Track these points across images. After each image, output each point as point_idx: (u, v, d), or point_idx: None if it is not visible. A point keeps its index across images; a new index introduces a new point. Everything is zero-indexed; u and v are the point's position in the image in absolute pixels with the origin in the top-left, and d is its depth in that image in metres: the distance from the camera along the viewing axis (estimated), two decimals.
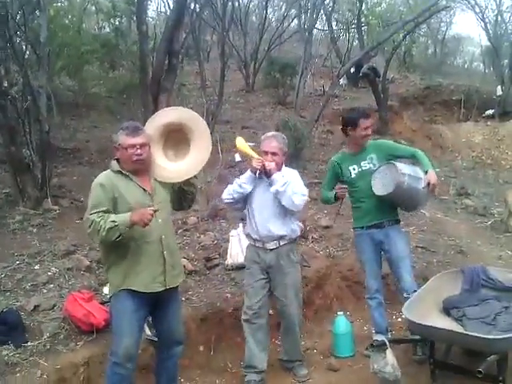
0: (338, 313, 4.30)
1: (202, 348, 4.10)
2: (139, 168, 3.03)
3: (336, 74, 10.84)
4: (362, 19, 15.25)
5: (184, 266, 4.83)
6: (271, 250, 3.67)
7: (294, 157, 8.02)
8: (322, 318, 4.75)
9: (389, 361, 3.16)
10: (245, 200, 3.73)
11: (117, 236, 2.80)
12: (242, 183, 3.64)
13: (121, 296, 2.97)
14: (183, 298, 4.35)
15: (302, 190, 3.64)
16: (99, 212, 2.83)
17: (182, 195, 3.26)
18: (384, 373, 3.16)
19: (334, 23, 17.87)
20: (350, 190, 3.99)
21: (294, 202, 3.53)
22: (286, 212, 3.63)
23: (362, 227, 4.03)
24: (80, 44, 9.87)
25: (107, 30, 12.90)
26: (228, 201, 3.74)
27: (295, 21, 20.55)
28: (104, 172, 3.05)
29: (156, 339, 3.45)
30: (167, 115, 3.21)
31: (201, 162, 3.13)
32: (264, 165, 3.55)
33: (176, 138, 3.18)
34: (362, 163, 3.98)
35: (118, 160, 3.05)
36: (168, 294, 3.10)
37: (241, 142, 3.73)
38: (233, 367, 3.94)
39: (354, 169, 3.99)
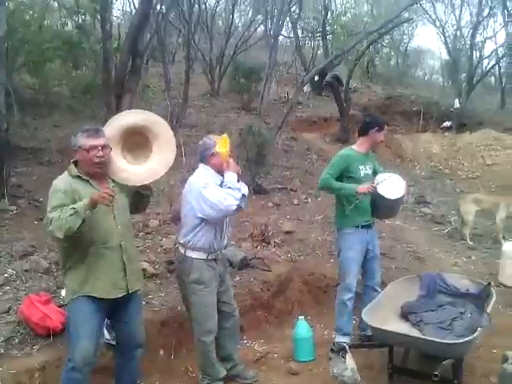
0: (299, 317, 4.32)
1: (162, 352, 4.05)
2: (99, 171, 2.96)
3: (300, 81, 10.94)
4: (327, 28, 15.50)
5: (145, 270, 4.79)
6: (219, 258, 3.59)
7: (257, 163, 8.07)
8: (283, 323, 4.77)
9: (348, 365, 3.21)
10: None
11: (79, 223, 2.71)
12: (240, 188, 3.38)
13: (79, 301, 2.91)
14: (144, 302, 4.29)
15: None
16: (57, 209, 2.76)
17: (138, 199, 3.20)
18: (343, 376, 3.20)
19: (299, 31, 18.08)
20: None
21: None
22: None
23: (357, 226, 4.08)
24: (41, 40, 9.60)
25: (70, 27, 12.62)
26: (236, 207, 3.34)
27: (261, 27, 20.74)
28: (61, 176, 2.96)
29: (115, 343, 3.39)
30: (128, 117, 3.14)
31: (166, 165, 3.09)
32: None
33: (135, 141, 3.11)
34: (367, 166, 4.15)
35: (75, 164, 2.97)
36: (128, 297, 3.06)
37: (227, 142, 3.44)
38: (193, 371, 3.90)
39: (362, 169, 4.11)
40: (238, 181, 3.42)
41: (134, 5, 15.53)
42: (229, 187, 3.32)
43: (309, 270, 5.35)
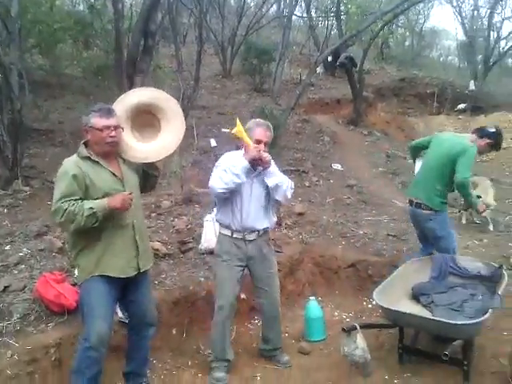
0: (310, 297, 4.35)
1: (174, 331, 4.09)
2: (110, 151, 2.96)
3: (313, 62, 10.83)
4: (342, 7, 15.24)
5: (158, 250, 4.84)
6: (251, 240, 3.57)
7: (269, 144, 8.03)
8: (294, 303, 4.80)
9: (359, 344, 3.24)
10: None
11: (94, 222, 2.78)
12: (238, 174, 3.35)
13: (94, 281, 2.92)
14: (156, 282, 4.34)
15: (291, 183, 3.58)
16: (70, 201, 2.76)
17: (145, 178, 3.21)
18: (354, 355, 3.24)
19: (313, 10, 17.85)
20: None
21: (287, 197, 3.52)
22: (269, 204, 3.57)
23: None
24: (53, 21, 9.57)
25: (81, 7, 12.60)
26: (223, 191, 3.41)
27: (274, 6, 20.51)
28: (70, 158, 2.93)
29: (128, 321, 3.45)
30: (135, 96, 3.13)
31: (175, 143, 3.09)
32: (262, 155, 3.36)
33: (144, 119, 3.11)
34: None
35: (85, 144, 2.97)
36: (139, 277, 3.09)
37: (240, 126, 3.45)
38: (205, 349, 3.95)
39: None
40: (255, 168, 3.43)
41: None
42: (223, 170, 3.39)
43: (320, 251, 5.35)
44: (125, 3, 9.86)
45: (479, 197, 5.28)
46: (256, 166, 3.45)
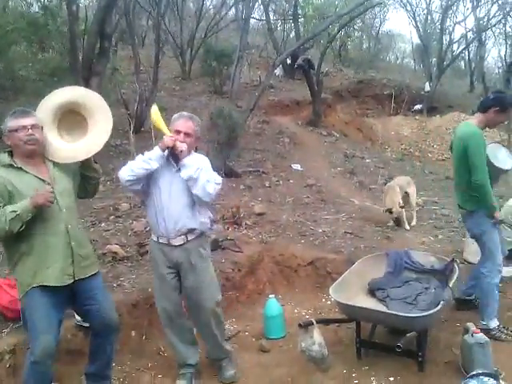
0: (270, 296, 4.39)
1: (133, 333, 4.05)
2: (33, 152, 2.85)
3: (271, 64, 10.93)
4: (299, 11, 15.44)
5: (116, 253, 4.80)
6: (178, 246, 3.27)
7: (228, 145, 8.07)
8: (254, 302, 4.83)
9: (316, 339, 3.29)
10: (147, 185, 3.28)
11: (20, 226, 2.69)
12: (147, 158, 3.17)
13: (33, 293, 2.82)
14: (114, 285, 4.30)
15: (215, 177, 3.25)
16: None
17: (85, 182, 3.13)
18: (311, 351, 3.29)
19: (271, 13, 17.98)
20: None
21: (206, 191, 3.14)
22: (195, 202, 3.25)
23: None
24: (5, 22, 9.33)
25: (36, 8, 12.30)
26: (129, 178, 3.17)
27: (232, 9, 20.55)
28: None
29: (86, 325, 3.39)
30: (57, 96, 3.03)
31: (103, 138, 3.01)
32: (175, 144, 3.16)
33: (71, 119, 3.03)
34: None
35: (10, 153, 2.87)
36: (87, 283, 2.99)
37: (156, 113, 3.32)
38: (165, 351, 3.93)
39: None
40: (173, 158, 3.23)
41: None
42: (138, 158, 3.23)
43: (280, 250, 5.40)
44: (80, 5, 9.70)
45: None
46: (174, 158, 3.24)
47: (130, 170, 3.17)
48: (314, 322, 3.35)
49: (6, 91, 10.00)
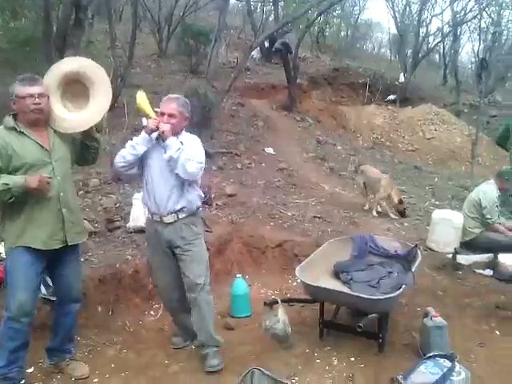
0: (237, 275, 4.45)
1: (99, 308, 4.07)
2: (37, 120, 2.94)
3: (249, 45, 10.88)
4: None
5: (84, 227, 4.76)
6: (169, 223, 3.36)
7: (201, 126, 8.04)
8: (222, 281, 4.87)
9: (280, 318, 3.37)
10: (140, 167, 3.40)
11: (9, 197, 2.80)
12: (134, 144, 3.30)
13: (16, 252, 2.92)
14: (82, 259, 4.26)
15: (197, 156, 3.29)
16: None
17: (84, 150, 3.20)
18: (275, 329, 3.37)
19: None
20: None
21: (186, 170, 3.19)
22: (183, 182, 3.32)
23: None
24: None
25: None
26: (121, 164, 3.32)
27: None
28: None
29: (53, 298, 3.41)
30: (66, 64, 3.13)
31: (100, 110, 3.08)
32: (158, 126, 3.25)
33: (75, 89, 3.09)
34: None
35: (14, 116, 2.95)
36: (67, 251, 3.08)
37: (142, 97, 3.40)
38: (131, 326, 3.97)
39: None
40: (158, 139, 3.32)
41: None
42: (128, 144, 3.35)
43: (249, 231, 5.46)
44: None
45: None
46: (159, 138, 3.32)
47: (121, 157, 3.32)
48: (279, 301, 3.43)
49: None
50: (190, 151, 3.26)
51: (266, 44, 16.06)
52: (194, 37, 13.26)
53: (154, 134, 3.30)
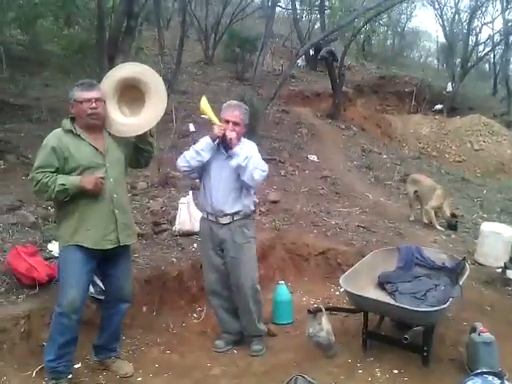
0: (280, 281, 4.44)
1: (144, 309, 4.14)
2: (94, 124, 3.02)
3: (295, 53, 10.90)
4: (326, 2, 15.36)
5: None
6: (224, 224, 3.54)
7: (246, 132, 8.07)
8: (265, 287, 4.82)
9: (324, 326, 3.34)
10: (201, 169, 3.56)
11: (64, 197, 2.90)
12: (199, 150, 3.44)
13: (69, 250, 3.00)
14: None
15: (262, 164, 3.48)
16: (46, 172, 2.88)
17: (138, 153, 3.27)
18: (318, 337, 3.34)
19: (297, 3, 17.87)
20: None
21: (254, 178, 3.38)
22: (241, 187, 3.50)
23: None
24: None
25: None
26: (185, 168, 3.53)
27: None
28: (55, 131, 3.03)
29: (101, 297, 3.49)
30: (122, 70, 3.21)
31: (156, 115, 3.14)
32: (225, 133, 3.38)
33: (131, 94, 3.17)
34: None
35: (72, 119, 3.04)
36: (118, 252, 3.14)
37: (205, 103, 3.52)
38: (174, 328, 4.02)
39: None
40: (225, 149, 3.45)
41: None
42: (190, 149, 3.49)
43: (292, 238, 5.44)
44: None
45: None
46: (224, 146, 3.47)
47: (186, 161, 3.49)
48: (323, 309, 3.40)
49: (31, 64, 10.12)
50: (255, 160, 3.42)
51: (312, 52, 16.06)
52: (240, 44, 13.43)
53: (217, 140, 3.42)
